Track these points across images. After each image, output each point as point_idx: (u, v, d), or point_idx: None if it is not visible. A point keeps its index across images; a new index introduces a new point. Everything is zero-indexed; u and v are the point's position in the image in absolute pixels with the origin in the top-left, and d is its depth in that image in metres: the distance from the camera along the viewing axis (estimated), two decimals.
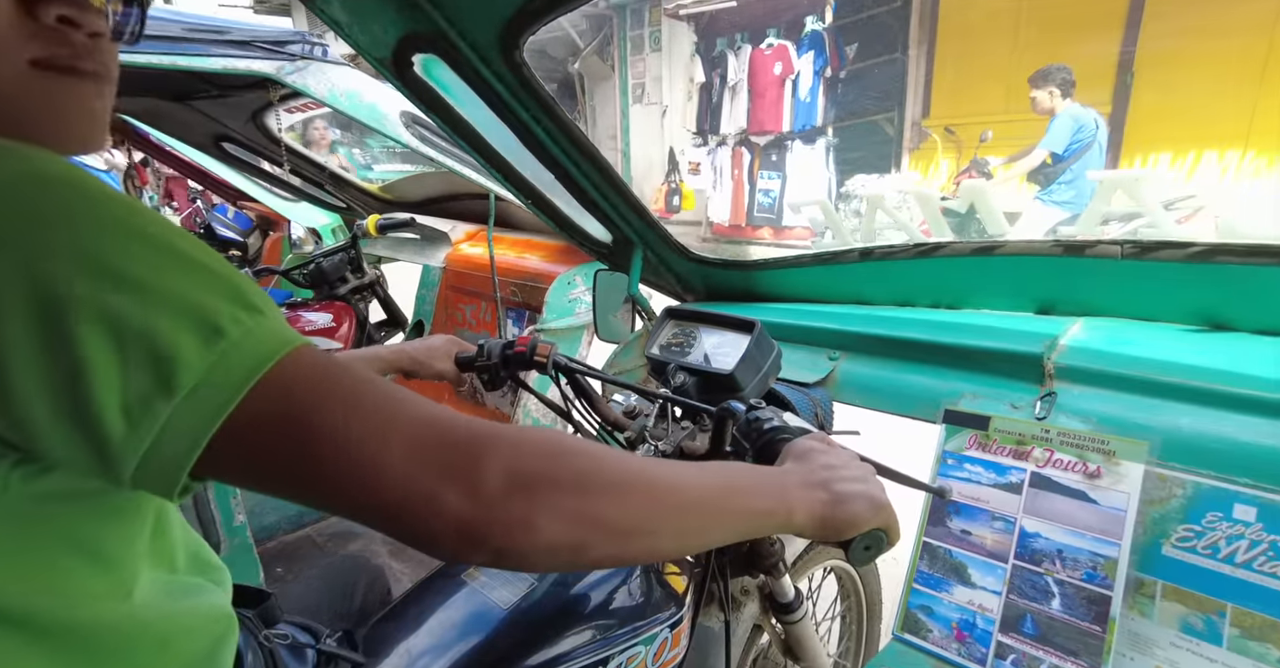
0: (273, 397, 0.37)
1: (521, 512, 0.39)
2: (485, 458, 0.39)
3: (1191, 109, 4.69)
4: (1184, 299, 0.91)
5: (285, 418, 0.37)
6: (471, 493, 0.38)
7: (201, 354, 0.35)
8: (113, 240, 0.35)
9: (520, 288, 2.09)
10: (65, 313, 0.33)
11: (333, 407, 0.37)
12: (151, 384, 0.35)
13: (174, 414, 0.35)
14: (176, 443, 0.36)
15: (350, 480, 0.37)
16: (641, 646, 0.82)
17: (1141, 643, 0.73)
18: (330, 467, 0.37)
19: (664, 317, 1.01)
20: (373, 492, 0.37)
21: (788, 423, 0.71)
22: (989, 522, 0.85)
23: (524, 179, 1.20)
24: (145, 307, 0.35)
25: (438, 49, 0.94)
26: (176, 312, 0.35)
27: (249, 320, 0.37)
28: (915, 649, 0.85)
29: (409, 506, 0.38)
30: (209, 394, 0.35)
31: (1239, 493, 0.70)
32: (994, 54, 5.69)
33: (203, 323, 0.36)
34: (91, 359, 0.34)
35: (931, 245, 1.09)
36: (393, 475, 0.37)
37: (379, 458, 0.37)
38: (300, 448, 0.37)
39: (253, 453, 0.37)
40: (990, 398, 0.90)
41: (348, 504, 0.39)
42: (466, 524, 0.38)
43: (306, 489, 0.38)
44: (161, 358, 0.35)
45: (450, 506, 0.38)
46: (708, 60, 7.63)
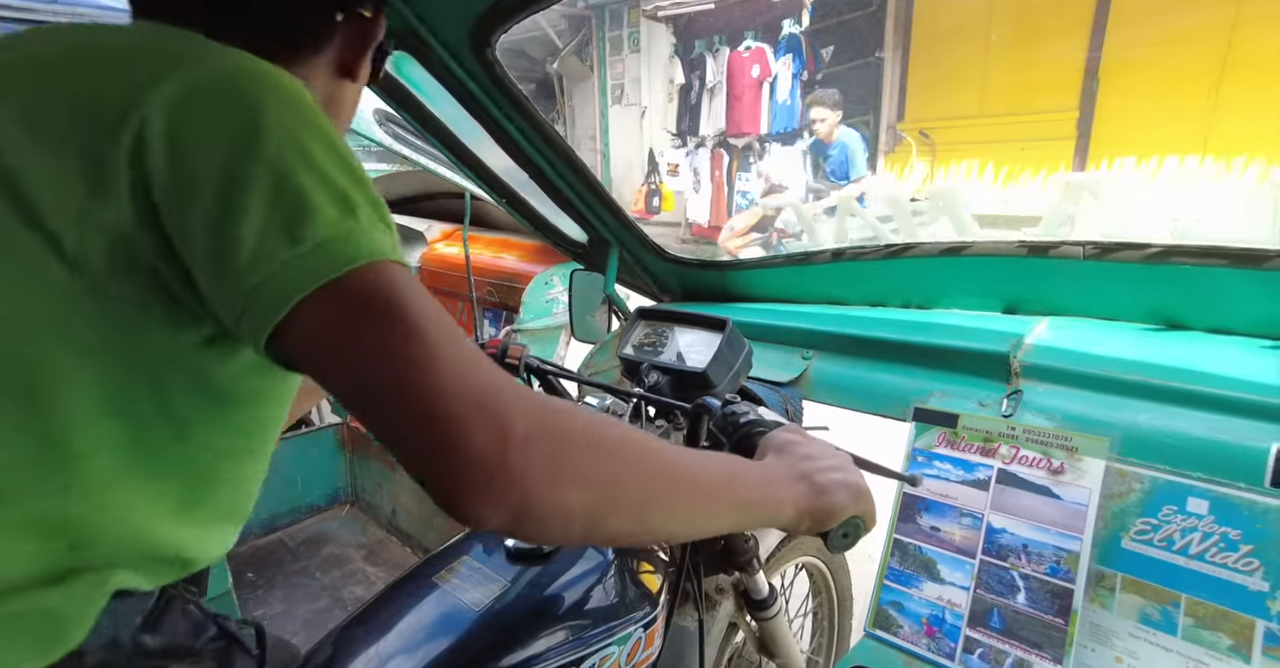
0: (369, 284, 0.41)
1: (547, 462, 0.40)
2: (518, 406, 0.40)
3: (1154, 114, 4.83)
4: (1142, 299, 0.94)
5: (371, 306, 0.40)
6: (503, 441, 0.38)
7: (332, 223, 0.41)
8: (306, 127, 0.43)
9: (497, 288, 2.08)
10: (250, 155, 0.41)
11: (411, 314, 0.40)
12: (283, 230, 0.40)
13: (289, 261, 0.40)
14: (282, 286, 0.39)
15: (405, 383, 0.39)
16: (615, 646, 0.82)
17: (1102, 634, 0.74)
18: (391, 366, 0.39)
19: (636, 317, 1.01)
20: (418, 403, 0.38)
21: (763, 417, 0.71)
22: (957, 518, 0.86)
23: (498, 178, 1.19)
24: (309, 173, 0.41)
25: (409, 46, 0.93)
26: (329, 187, 0.42)
27: (378, 223, 0.43)
28: (886, 645, 0.86)
29: (445, 435, 0.38)
30: (320, 259, 0.40)
31: (1193, 487, 0.72)
32: (967, 58, 5.80)
33: (345, 205, 0.42)
34: (250, 196, 0.40)
35: (901, 246, 1.11)
36: (443, 396, 0.39)
37: (438, 373, 0.39)
38: (373, 340, 0.40)
39: (333, 329, 0.40)
40: (959, 396, 0.92)
41: (387, 412, 0.40)
42: (492, 471, 0.38)
43: (362, 382, 0.40)
44: (301, 213, 0.40)
45: (481, 448, 0.38)
46: (686, 62, 7.66)
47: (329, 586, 1.98)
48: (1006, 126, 5.59)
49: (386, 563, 2.07)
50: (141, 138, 0.41)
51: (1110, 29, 5.01)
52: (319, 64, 0.59)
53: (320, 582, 2.00)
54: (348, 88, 0.63)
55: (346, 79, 0.61)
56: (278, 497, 2.22)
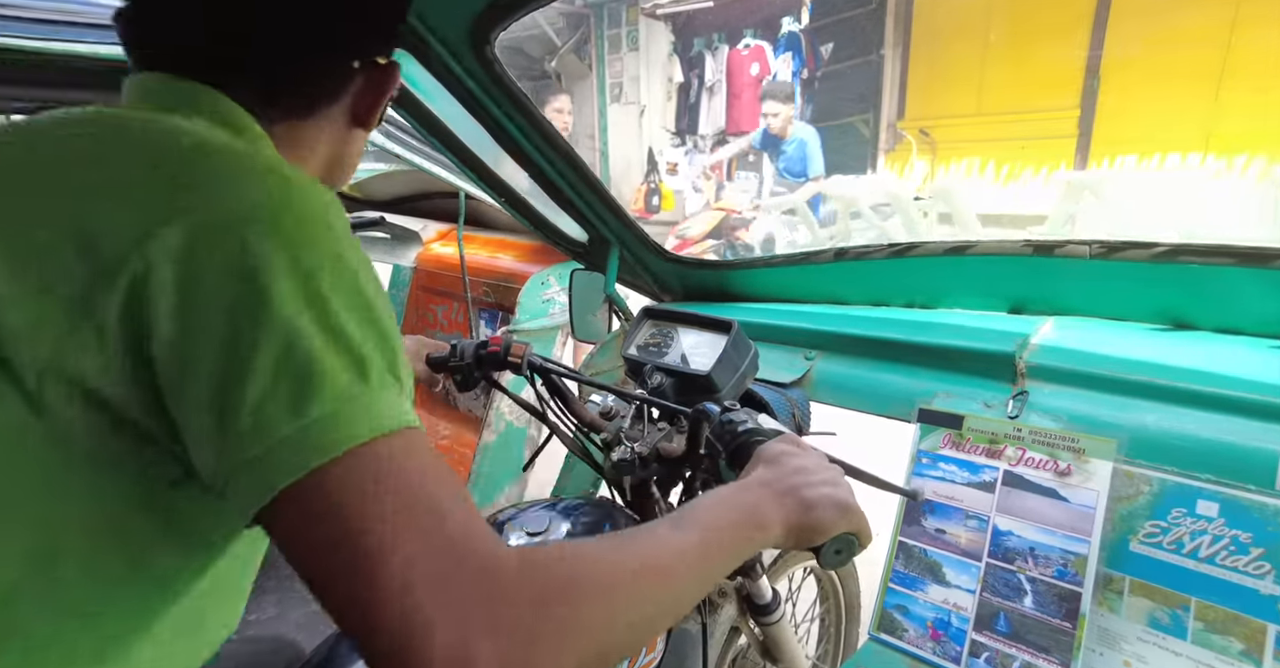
0: (371, 460, 0.38)
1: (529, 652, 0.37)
2: (487, 633, 0.36)
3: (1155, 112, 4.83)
4: (1149, 299, 0.93)
5: (345, 505, 0.37)
6: (466, 660, 0.35)
7: (339, 390, 0.39)
8: (331, 274, 0.41)
9: (493, 288, 2.06)
10: (262, 313, 0.38)
11: (386, 513, 0.37)
12: (286, 400, 0.38)
13: (293, 434, 0.37)
14: (280, 462, 0.37)
15: (362, 601, 0.36)
16: None
17: (1110, 638, 0.74)
18: (352, 579, 0.36)
19: (641, 317, 1.00)
20: (371, 621, 0.36)
21: (761, 425, 0.70)
22: (963, 520, 0.85)
23: (498, 178, 1.18)
24: (323, 334, 0.39)
25: (407, 44, 0.92)
26: (343, 348, 0.40)
27: (389, 384, 0.41)
28: (891, 649, 0.85)
29: (398, 659, 0.35)
30: (324, 430, 0.38)
31: (1202, 489, 0.71)
32: (967, 56, 5.79)
33: (357, 365, 0.40)
34: (259, 359, 0.38)
35: (905, 245, 1.10)
36: (394, 620, 0.36)
37: (391, 598, 0.36)
38: (343, 546, 0.37)
39: (308, 525, 0.38)
40: (964, 397, 0.91)
41: (350, 622, 0.37)
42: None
43: (330, 588, 0.37)
44: (307, 379, 0.38)
45: (443, 646, 0.35)
46: (685, 60, 7.65)
47: None
48: (1007, 125, 5.59)
49: None
50: (142, 289, 0.39)
51: (1111, 27, 5.00)
52: (333, 114, 0.58)
53: None
54: (358, 136, 0.62)
55: (359, 128, 0.61)
56: None
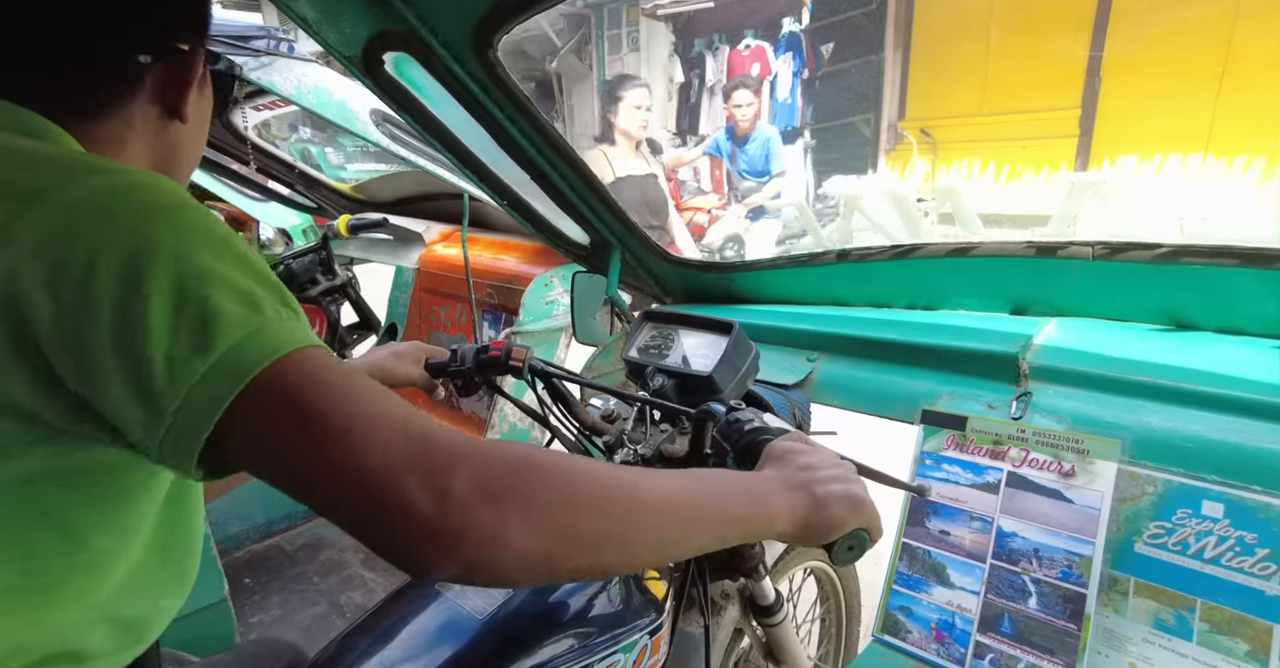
0: (288, 378, 0.41)
1: (490, 522, 0.40)
2: (456, 467, 0.40)
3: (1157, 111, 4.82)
4: (1152, 299, 0.93)
5: (293, 399, 0.41)
6: (441, 499, 0.39)
7: (240, 324, 0.41)
8: (193, 236, 0.43)
9: (496, 290, 2.06)
10: (142, 279, 0.40)
11: (332, 399, 0.41)
12: (193, 342, 0.40)
13: (207, 372, 0.39)
14: (202, 403, 0.39)
15: (332, 470, 0.40)
16: (621, 653, 0.81)
17: (1115, 640, 0.74)
18: (318, 454, 0.40)
19: (641, 319, 1.00)
20: (349, 484, 0.39)
21: (768, 424, 0.70)
22: (967, 522, 0.85)
23: (499, 180, 1.18)
24: (206, 282, 0.41)
25: (410, 47, 0.91)
26: (230, 289, 0.42)
27: (284, 313, 0.43)
28: (895, 651, 0.85)
29: (379, 507, 0.39)
30: (238, 359, 0.40)
31: (1207, 490, 0.71)
32: (968, 56, 5.79)
33: (249, 302, 0.42)
34: (152, 317, 0.39)
35: (908, 247, 1.09)
36: (370, 470, 0.39)
37: (361, 451, 0.40)
38: (297, 431, 0.40)
39: (259, 429, 0.40)
40: (967, 398, 0.91)
41: (325, 496, 0.40)
42: (435, 531, 0.39)
43: (295, 476, 0.41)
44: (208, 321, 0.40)
45: (420, 510, 0.39)
46: (686, 61, 7.65)
47: (327, 591, 1.97)
48: (1008, 124, 5.58)
49: (385, 569, 2.06)
50: (13, 287, 0.40)
51: (1112, 26, 5.00)
52: (134, 111, 0.55)
53: (318, 587, 1.99)
54: (181, 130, 0.58)
55: (175, 120, 0.57)
56: (274, 502, 2.20)
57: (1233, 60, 4.47)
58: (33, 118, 0.49)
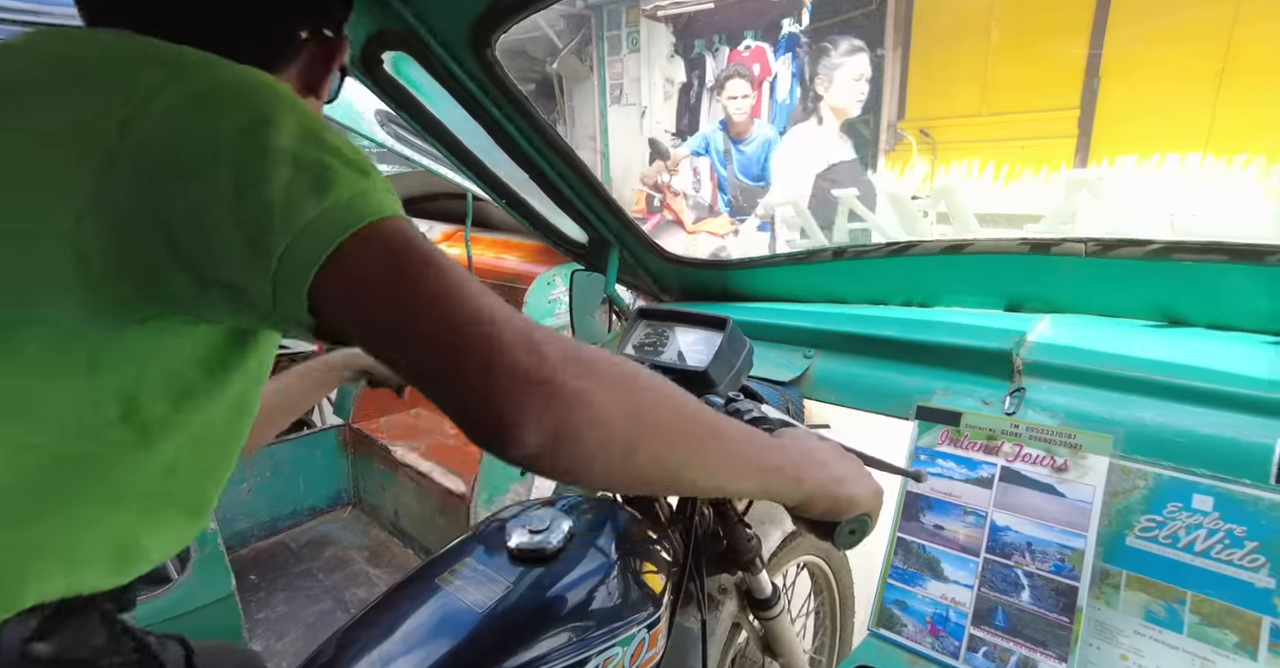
0: (395, 233, 0.43)
1: (584, 381, 0.41)
2: (548, 337, 0.42)
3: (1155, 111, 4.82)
4: (1144, 296, 0.94)
5: (403, 250, 0.42)
6: (539, 356, 0.40)
7: (352, 184, 0.43)
8: (309, 118, 0.46)
9: (499, 289, 2.07)
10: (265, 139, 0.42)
11: (435, 258, 0.43)
12: (309, 189, 0.42)
13: (318, 216, 0.41)
14: (312, 242, 0.41)
15: (436, 316, 0.41)
16: (619, 647, 0.81)
17: (1107, 632, 0.74)
18: (428, 299, 0.41)
19: (636, 317, 1.01)
20: (451, 331, 0.40)
21: (767, 414, 0.71)
22: (961, 516, 0.86)
23: (498, 179, 1.19)
24: (323, 149, 0.44)
25: (408, 47, 0.92)
26: (342, 158, 0.44)
27: (389, 190, 0.46)
28: (890, 644, 0.86)
29: (479, 352, 0.39)
30: (347, 209, 0.42)
31: (1197, 483, 0.72)
32: (968, 56, 5.79)
33: (359, 170, 0.45)
34: (271, 169, 0.42)
35: (903, 244, 1.10)
36: (472, 320, 0.40)
37: (464, 304, 0.41)
38: (402, 279, 0.41)
39: (371, 271, 0.42)
40: (961, 394, 0.92)
41: (424, 344, 0.41)
42: (531, 382, 0.39)
43: (397, 323, 0.41)
44: (322, 176, 0.43)
45: (518, 360, 0.39)
46: (686, 62, 7.65)
47: (331, 587, 1.98)
48: (1007, 125, 5.58)
49: (389, 565, 2.07)
50: (145, 138, 0.42)
51: (1111, 26, 5.00)
52: (286, 80, 0.59)
53: (323, 584, 2.00)
54: (312, 104, 0.63)
55: (311, 96, 0.63)
56: (280, 499, 2.21)
57: (1232, 58, 4.47)
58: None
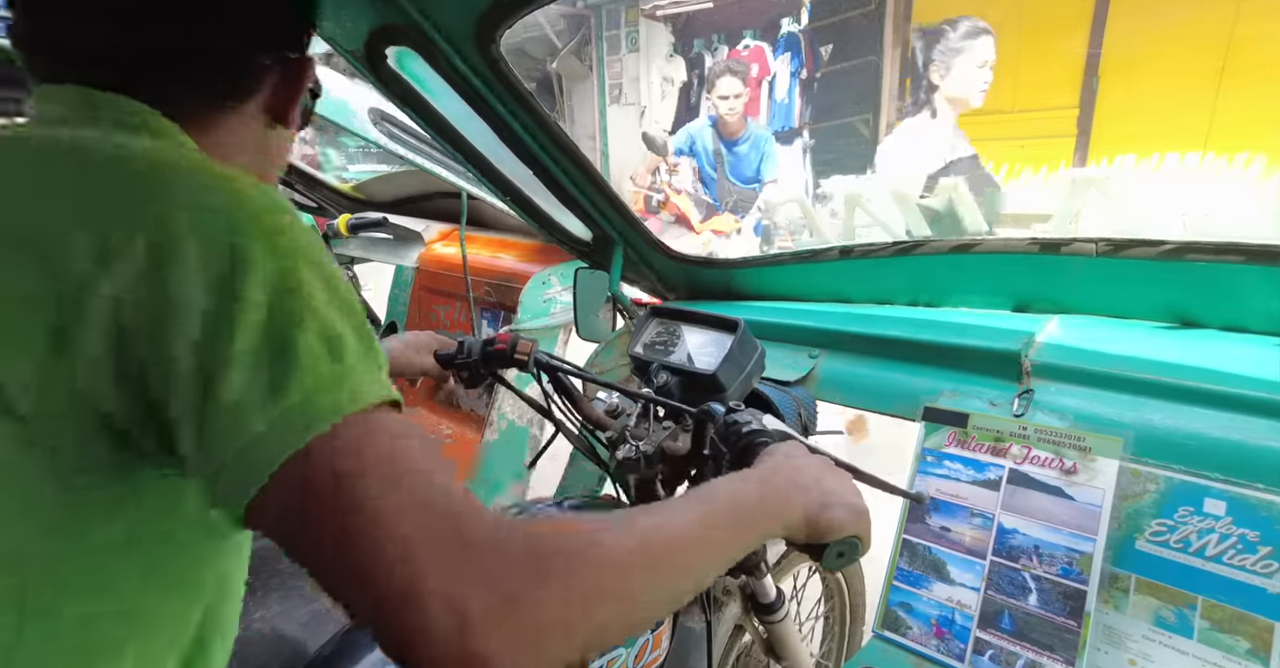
0: (336, 451, 0.39)
1: (516, 638, 0.37)
2: (482, 580, 0.37)
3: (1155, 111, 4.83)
4: (1155, 297, 0.93)
5: (333, 483, 0.38)
6: (463, 624, 0.36)
7: (319, 373, 0.40)
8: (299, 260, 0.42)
9: (494, 288, 2.06)
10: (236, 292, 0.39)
11: (372, 484, 0.39)
12: (269, 385, 0.39)
13: (276, 417, 0.38)
14: (268, 446, 0.38)
15: (357, 573, 0.37)
16: (622, 648, 0.81)
17: (1115, 637, 0.74)
18: (346, 554, 0.38)
19: (647, 315, 1.00)
20: (369, 591, 0.37)
21: (765, 426, 0.70)
22: (968, 519, 0.85)
23: (502, 176, 1.18)
24: (297, 314, 0.40)
25: (412, 42, 0.91)
26: (319, 328, 0.41)
27: (369, 357, 0.42)
28: (895, 647, 0.85)
29: (399, 621, 0.36)
30: (316, 405, 0.39)
31: (1210, 487, 0.71)
32: None
33: (333, 347, 0.41)
34: (237, 343, 0.39)
35: (910, 243, 1.10)
36: (391, 583, 0.36)
37: (379, 554, 0.37)
38: (331, 522, 0.38)
39: (299, 508, 0.39)
40: (969, 395, 0.91)
41: (349, 598, 0.38)
42: (457, 656, 0.36)
43: (323, 569, 0.39)
44: (288, 360, 0.39)
45: (439, 637, 0.36)
46: (685, 61, 7.65)
47: None
48: (1006, 124, 5.59)
49: None
50: (119, 304, 0.39)
51: (1110, 25, 5.01)
52: (248, 112, 0.57)
53: None
54: (280, 134, 0.62)
55: (279, 125, 0.60)
56: None
57: (1232, 57, 4.47)
58: (149, 114, 0.50)
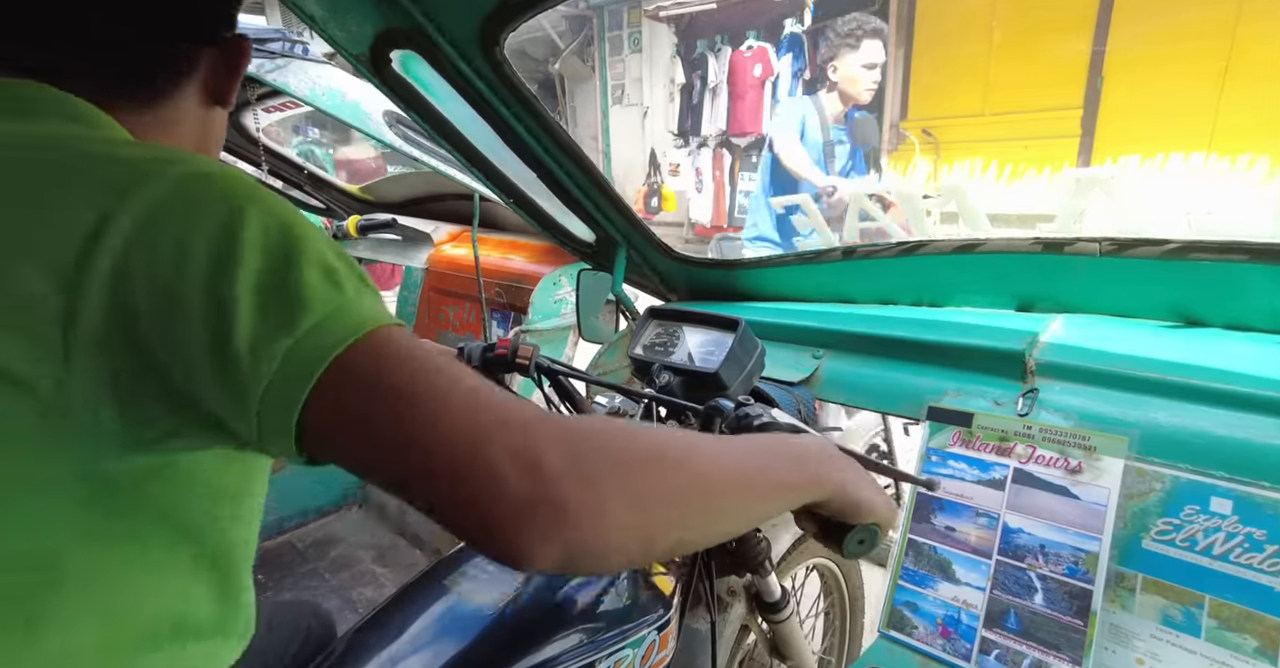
0: (372, 353, 0.40)
1: (587, 492, 0.38)
2: (545, 439, 0.38)
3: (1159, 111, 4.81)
4: (1160, 296, 0.93)
5: (372, 377, 0.40)
6: (534, 472, 0.37)
7: (324, 302, 0.41)
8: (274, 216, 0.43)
9: (505, 289, 2.07)
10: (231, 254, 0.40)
11: (409, 374, 0.40)
12: (277, 320, 0.39)
13: (292, 349, 0.39)
14: (291, 380, 0.39)
15: (414, 444, 0.38)
16: (629, 649, 0.81)
17: (1122, 636, 0.73)
18: (399, 428, 0.39)
19: (646, 316, 1.00)
20: (433, 459, 0.38)
21: (777, 419, 0.70)
22: (973, 518, 0.85)
23: (505, 177, 1.19)
24: (291, 259, 0.41)
25: (417, 45, 0.92)
26: (315, 263, 0.42)
27: (366, 291, 0.43)
28: (901, 646, 0.85)
29: (467, 481, 0.37)
30: (323, 337, 0.40)
31: (1216, 486, 0.71)
32: (970, 56, 5.78)
33: (330, 279, 0.42)
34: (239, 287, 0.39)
35: (913, 243, 1.10)
36: (453, 443, 0.38)
37: (442, 423, 0.38)
38: (377, 407, 0.39)
39: (346, 411, 0.40)
40: (973, 395, 0.91)
41: (411, 476, 0.39)
42: (530, 508, 0.36)
43: (380, 456, 0.40)
44: (293, 298, 0.40)
45: (510, 484, 0.36)
46: (688, 62, 7.65)
47: (338, 587, 1.98)
48: (1010, 124, 5.57)
49: (396, 565, 2.07)
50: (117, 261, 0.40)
51: (1114, 25, 4.98)
52: (187, 94, 0.57)
53: (329, 583, 1.99)
54: (218, 114, 0.61)
55: (217, 106, 0.60)
56: (286, 498, 2.21)
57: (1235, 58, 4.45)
58: (81, 105, 0.49)
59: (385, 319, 0.42)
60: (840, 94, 2.77)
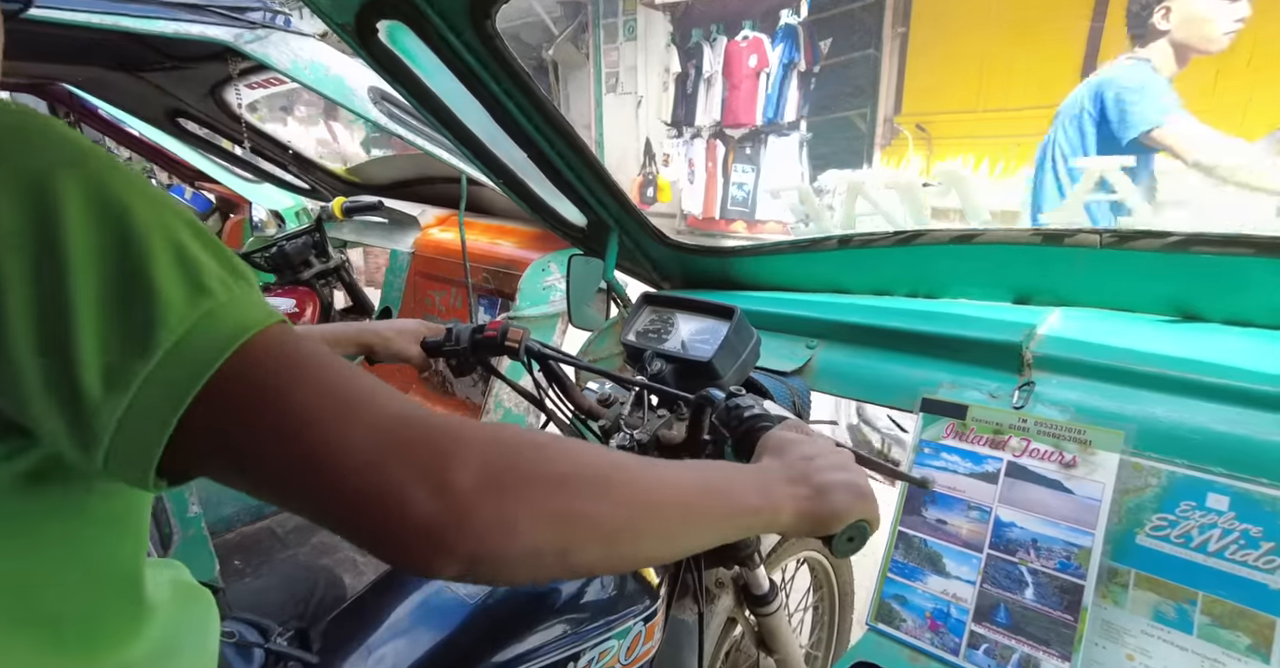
0: (253, 365, 0.35)
1: (497, 512, 0.36)
2: (456, 454, 0.36)
3: None
4: (1158, 289, 0.92)
5: (259, 391, 0.34)
6: (440, 490, 0.34)
7: (184, 308, 0.33)
8: (110, 189, 0.33)
9: (493, 274, 2.04)
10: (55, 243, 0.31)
11: (304, 387, 0.35)
12: (126, 342, 0.32)
13: (151, 376, 0.33)
14: (151, 412, 0.33)
15: (312, 467, 0.34)
16: (614, 640, 0.79)
17: (1113, 631, 0.73)
18: (295, 449, 0.34)
19: (641, 303, 0.98)
20: (333, 481, 0.34)
21: (768, 411, 0.69)
22: (965, 511, 0.84)
23: (495, 158, 1.15)
24: (141, 254, 0.33)
25: (404, 15, 0.88)
26: (173, 259, 0.34)
27: (237, 284, 0.36)
28: (889, 639, 0.84)
29: (371, 500, 0.34)
30: (187, 357, 0.33)
31: (1212, 482, 0.70)
32: (966, 52, 5.77)
33: (189, 276, 0.34)
34: (80, 297, 0.31)
35: (911, 233, 1.08)
36: (355, 463, 0.34)
37: (342, 441, 0.34)
38: (269, 426, 0.34)
39: (224, 428, 0.34)
40: (968, 387, 0.90)
41: (309, 496, 0.36)
42: (436, 526, 0.34)
43: (270, 478, 0.36)
44: (141, 309, 0.32)
45: (417, 505, 0.34)
46: (683, 51, 7.58)
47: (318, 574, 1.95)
48: (1004, 121, 5.58)
49: None
50: None
51: (1109, 22, 4.99)
52: None
53: (309, 570, 1.97)
54: None
55: None
56: None
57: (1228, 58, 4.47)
58: None
59: (263, 319, 0.36)
60: (1174, 47, 2.08)
